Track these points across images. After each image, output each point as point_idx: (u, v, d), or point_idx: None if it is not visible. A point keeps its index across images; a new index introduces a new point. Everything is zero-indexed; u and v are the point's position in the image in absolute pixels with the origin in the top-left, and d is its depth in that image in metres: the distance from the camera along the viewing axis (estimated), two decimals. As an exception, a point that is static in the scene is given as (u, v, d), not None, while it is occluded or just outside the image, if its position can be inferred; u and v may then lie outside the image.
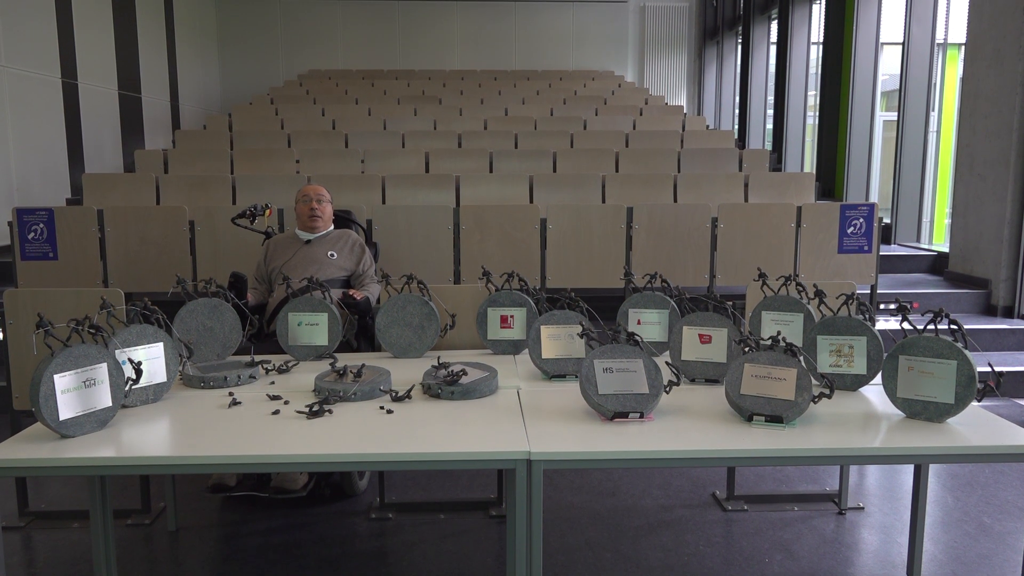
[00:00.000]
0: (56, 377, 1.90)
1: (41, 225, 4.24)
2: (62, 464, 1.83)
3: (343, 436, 1.95)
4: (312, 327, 2.74)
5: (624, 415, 2.03)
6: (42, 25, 7.09)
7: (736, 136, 9.37)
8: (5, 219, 4.71)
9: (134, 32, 9.07)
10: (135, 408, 2.19)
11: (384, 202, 5.53)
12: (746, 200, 5.66)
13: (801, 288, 2.63)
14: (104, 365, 2.01)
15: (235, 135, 7.51)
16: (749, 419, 2.02)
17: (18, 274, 4.29)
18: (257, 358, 2.62)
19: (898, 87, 7.32)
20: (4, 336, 2.87)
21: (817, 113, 8.96)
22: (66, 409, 1.91)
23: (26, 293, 2.89)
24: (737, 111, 11.77)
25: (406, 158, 6.55)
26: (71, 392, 1.93)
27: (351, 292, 3.20)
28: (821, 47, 8.96)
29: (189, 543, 2.88)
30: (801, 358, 2.06)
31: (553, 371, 2.50)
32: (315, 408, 2.11)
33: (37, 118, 6.94)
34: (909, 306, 2.20)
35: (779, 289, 2.71)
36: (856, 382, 2.34)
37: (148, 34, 9.42)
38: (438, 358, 2.51)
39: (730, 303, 2.47)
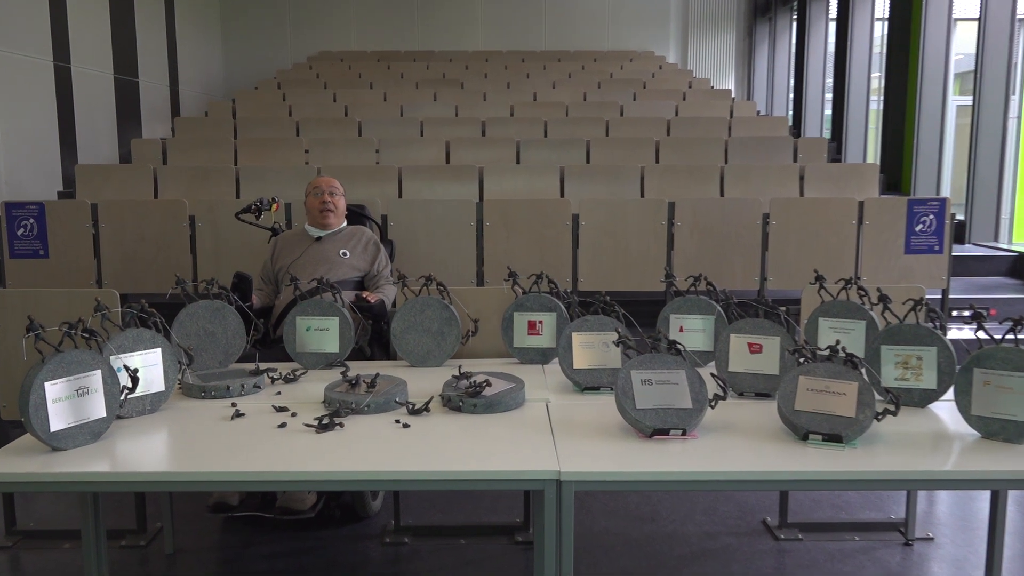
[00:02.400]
0: (47, 385, 1.93)
1: (31, 220, 4.32)
2: (53, 479, 1.86)
3: (355, 452, 1.96)
4: (322, 333, 2.76)
5: (665, 432, 2.02)
6: (33, 4, 7.22)
7: (790, 123, 9.29)
8: (-8, 214, 4.82)
9: (131, 11, 9.20)
10: (131, 419, 2.22)
11: (401, 196, 5.56)
12: (801, 194, 5.62)
13: (863, 292, 2.60)
14: (98, 372, 2.04)
15: (239, 123, 7.59)
16: (804, 438, 2.00)
17: (6, 273, 4.38)
18: (262, 366, 2.65)
19: (973, 68, 7.21)
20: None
21: (882, 97, 8.85)
22: (57, 420, 1.95)
23: (15, 294, 2.94)
24: (792, 95, 11.67)
25: (425, 148, 6.58)
26: (63, 401, 1.96)
27: (364, 294, 3.22)
28: (886, 24, 8.86)
29: (187, 567, 2.92)
30: (863, 370, 2.04)
31: (586, 383, 2.50)
32: (325, 421, 2.13)
33: (27, 104, 7.06)
34: (985, 313, 2.17)
35: (838, 293, 2.69)
36: (925, 398, 2.31)
37: (146, 13, 9.55)
38: (459, 367, 2.51)
39: (783, 309, 2.45)
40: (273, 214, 3.99)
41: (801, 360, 2.11)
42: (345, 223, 3.69)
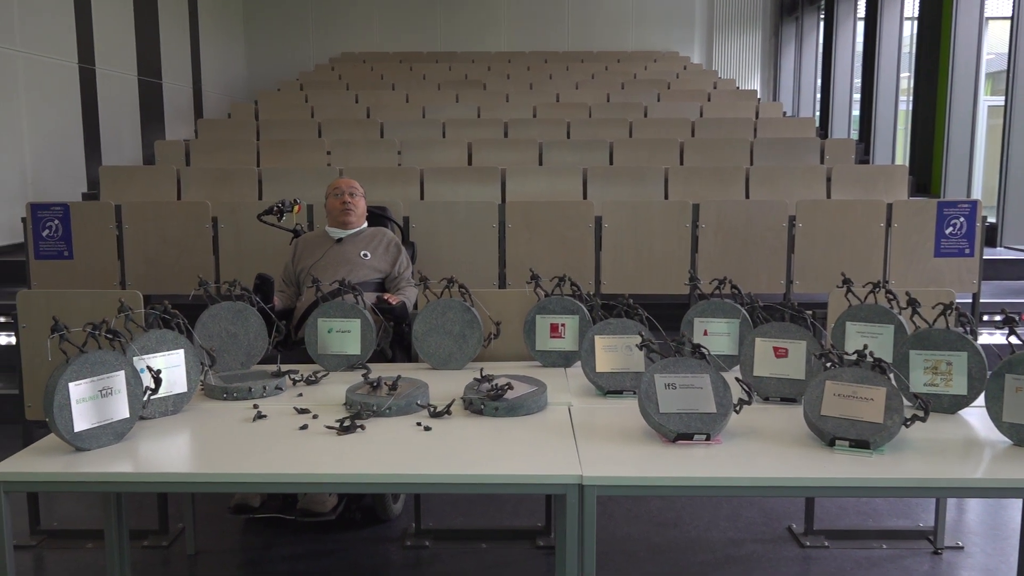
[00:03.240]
0: (71, 385, 1.96)
1: (56, 222, 4.38)
2: (76, 479, 1.89)
3: (376, 454, 1.97)
4: (343, 334, 2.78)
5: (688, 437, 2.02)
6: (59, 6, 7.32)
7: (817, 124, 9.22)
8: (19, 215, 4.86)
9: (155, 13, 9.31)
10: (153, 420, 2.25)
11: (422, 197, 5.58)
12: (828, 196, 5.58)
13: (892, 296, 2.58)
14: (121, 373, 2.07)
15: (261, 124, 7.65)
16: (831, 444, 1.99)
17: (31, 274, 4.44)
18: (284, 368, 2.67)
19: (1006, 67, 7.12)
20: (17, 341, 2.97)
21: (911, 98, 8.77)
22: (81, 420, 1.97)
23: (40, 295, 2.98)
24: (819, 96, 11.59)
25: (447, 149, 6.60)
26: (86, 402, 1.99)
27: (386, 296, 3.24)
28: (916, 23, 8.77)
29: (209, 568, 2.94)
30: (891, 376, 2.03)
31: (608, 386, 2.49)
32: (346, 423, 2.14)
33: (53, 106, 7.17)
34: (1017, 318, 2.15)
35: (866, 297, 2.67)
36: (954, 404, 2.29)
37: (170, 16, 9.66)
38: (481, 370, 2.52)
39: (809, 312, 2.44)
40: (295, 216, 4.01)
41: (828, 365, 2.10)
42: (366, 224, 3.71)
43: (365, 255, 3.54)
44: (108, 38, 8.14)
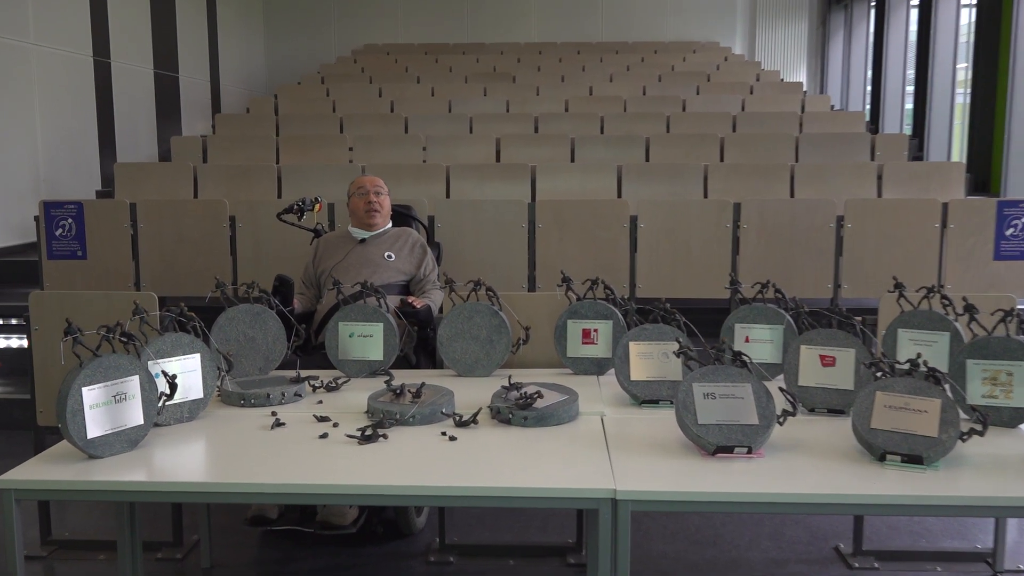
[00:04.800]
0: (85, 390, 1.99)
1: (70, 220, 4.45)
2: (89, 488, 1.92)
3: (399, 465, 1.98)
4: (365, 339, 2.79)
5: (728, 450, 2.01)
6: (74, -2, 7.45)
7: (867, 118, 9.15)
8: (31, 213, 4.95)
9: (172, 4, 9.44)
10: (168, 427, 2.27)
11: (448, 196, 5.60)
12: (879, 195, 5.53)
13: (947, 302, 2.55)
14: (136, 378, 2.09)
15: (281, 119, 7.73)
16: (881, 458, 1.97)
17: (44, 275, 4.51)
18: (303, 373, 2.69)
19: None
20: (29, 343, 3.02)
21: (969, 90, 8.65)
22: (95, 426, 2.00)
23: (53, 296, 3.03)
24: (869, 88, 11.48)
25: (474, 145, 6.62)
26: (100, 407, 2.01)
27: (410, 299, 3.25)
28: (974, 9, 8.66)
29: (225, 582, 2.97)
30: (946, 386, 2.00)
31: (644, 395, 2.48)
32: (368, 432, 2.15)
33: (67, 101, 7.29)
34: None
35: (920, 303, 2.64)
36: (1015, 417, 2.25)
37: (187, 7, 9.79)
38: (509, 377, 2.52)
39: (859, 319, 2.42)
40: (316, 215, 4.04)
41: (878, 374, 2.08)
42: (390, 224, 3.73)
43: (389, 256, 3.55)
44: (124, 30, 8.27)
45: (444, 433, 2.19)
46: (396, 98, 8.50)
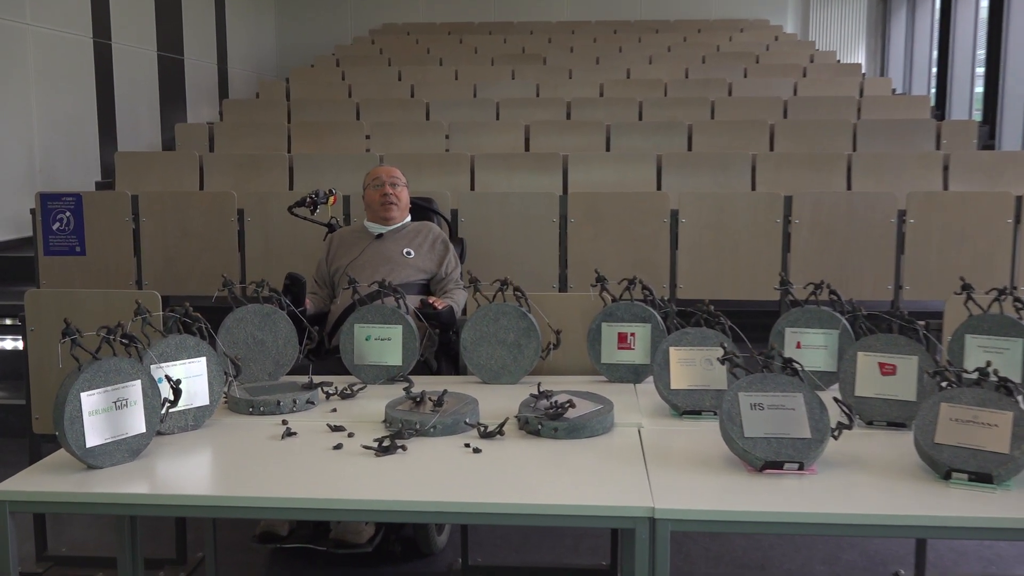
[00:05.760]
0: (83, 396, 2.01)
1: (68, 214, 4.51)
2: (87, 500, 1.94)
3: (419, 479, 1.98)
4: (383, 342, 2.81)
5: (778, 465, 2.00)
6: (73, -25, 7.54)
7: (933, 103, 9.05)
8: (27, 206, 5.02)
9: (177, -19, 9.53)
10: (172, 436, 2.29)
11: (473, 188, 5.61)
12: (945, 188, 5.48)
13: (1020, 304, 2.53)
14: (138, 383, 2.12)
15: (293, 105, 7.78)
16: (947, 476, 1.95)
17: (40, 272, 4.58)
18: (316, 379, 2.70)
19: None
20: (24, 345, 3.06)
21: (1046, 72, 8.53)
22: (94, 435, 2.02)
23: (49, 294, 3.08)
24: (935, 70, 11.35)
25: (501, 133, 6.63)
26: (100, 414, 2.04)
27: (431, 300, 3.26)
28: (1052, -16, 8.54)
29: (231, 603, 3.00)
30: (1020, 398, 1.98)
31: (685, 406, 2.48)
32: (385, 443, 2.16)
33: (65, 85, 7.38)
34: None
35: (990, 306, 2.61)
36: (1097, 432, 2.22)
37: (193, -16, 9.88)
38: (538, 385, 2.52)
39: (922, 323, 2.40)
40: (330, 208, 4.07)
41: (943, 384, 2.06)
42: (409, 218, 3.75)
43: (408, 253, 3.57)
44: (125, 10, 8.35)
45: (468, 445, 2.20)
46: (417, 82, 8.54)
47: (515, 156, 5.89)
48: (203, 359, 2.39)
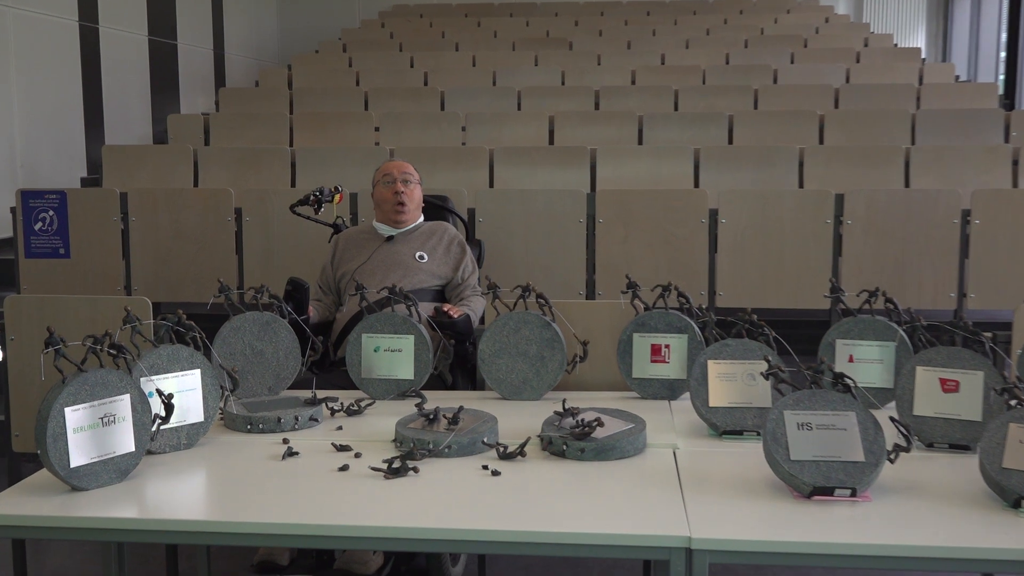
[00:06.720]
0: (68, 411, 2.02)
1: (51, 212, 4.55)
2: (71, 524, 1.95)
3: (432, 504, 1.99)
4: (393, 354, 2.82)
5: (828, 491, 1.99)
6: (57, -47, 7.60)
7: (1001, 92, 8.98)
8: (6, 204, 5.06)
9: (170, -40, 9.60)
10: (163, 455, 2.31)
11: (492, 185, 5.62)
12: (1015, 185, 5.45)
13: (1098, 315, 2.51)
14: (126, 397, 2.13)
15: (296, 94, 7.82)
16: (1016, 505, 1.94)
17: (20, 276, 4.62)
18: (320, 394, 2.71)
19: None
20: (3, 356, 3.08)
21: None
22: (79, 453, 2.04)
23: (31, 300, 3.10)
24: (1003, 55, 11.29)
25: (523, 125, 6.64)
26: (85, 431, 2.05)
27: (446, 308, 3.27)
28: None
29: (226, 639, 3.01)
30: (1097, 418, 1.97)
31: (725, 425, 2.47)
32: (395, 465, 2.16)
33: (49, 72, 7.43)
34: None
35: (1064, 316, 2.59)
36: None
37: (187, -38, 9.95)
38: (563, 402, 2.52)
39: (988, 335, 2.38)
40: (336, 207, 4.08)
41: (1012, 403, 2.04)
42: (422, 218, 3.75)
43: (421, 257, 3.57)
44: (114, -10, 8.42)
45: (485, 467, 2.20)
46: (431, 69, 8.56)
47: (538, 150, 5.89)
48: (197, 372, 2.40)
